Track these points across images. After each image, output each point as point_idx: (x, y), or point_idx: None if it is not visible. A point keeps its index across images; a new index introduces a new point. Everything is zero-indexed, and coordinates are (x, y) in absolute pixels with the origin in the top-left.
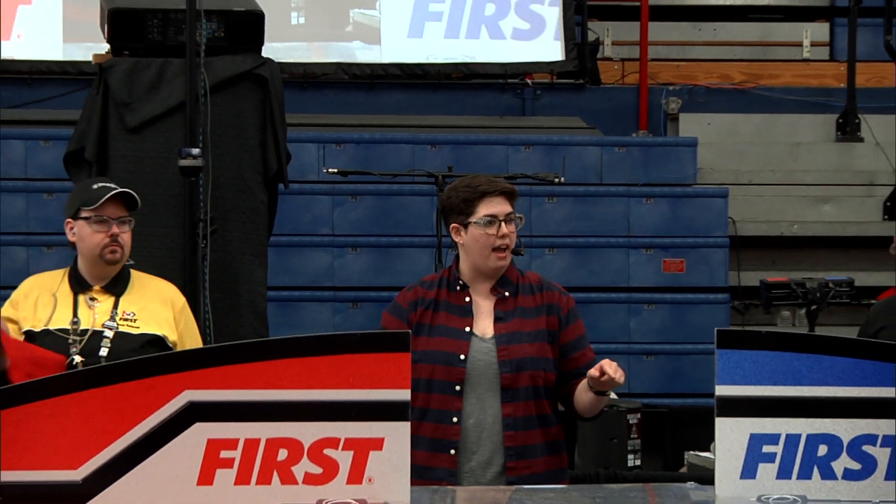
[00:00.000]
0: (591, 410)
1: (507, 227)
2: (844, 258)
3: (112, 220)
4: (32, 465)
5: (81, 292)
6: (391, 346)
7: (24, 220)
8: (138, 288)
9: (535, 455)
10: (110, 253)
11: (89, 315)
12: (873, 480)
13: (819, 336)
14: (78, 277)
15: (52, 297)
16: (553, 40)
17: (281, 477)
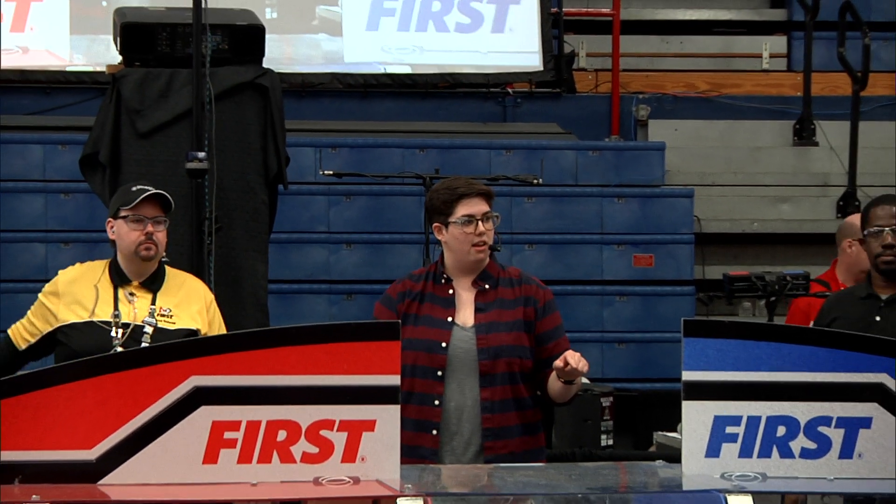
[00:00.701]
0: (563, 397)
1: (484, 225)
2: (801, 253)
3: (147, 219)
4: (50, 446)
5: (121, 286)
6: (382, 335)
7: (43, 219)
8: (173, 285)
9: (511, 436)
10: (145, 250)
11: (129, 309)
12: (828, 459)
13: (778, 325)
14: (118, 272)
15: (95, 289)
16: (533, 52)
17: (280, 456)
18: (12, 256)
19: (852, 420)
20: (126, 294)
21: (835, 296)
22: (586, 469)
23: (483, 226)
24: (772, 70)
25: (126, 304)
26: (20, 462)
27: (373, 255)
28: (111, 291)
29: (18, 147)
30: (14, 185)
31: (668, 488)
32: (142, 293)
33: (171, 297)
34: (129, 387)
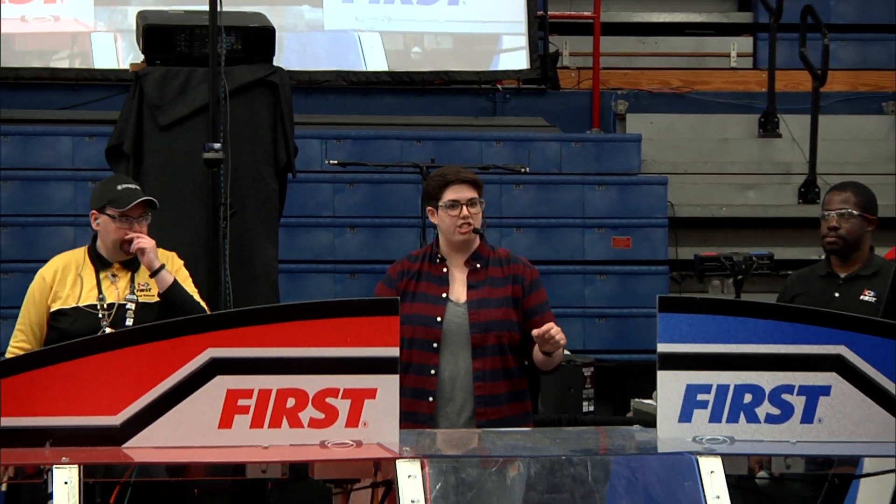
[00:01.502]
0: (546, 367)
1: (469, 209)
2: (765, 236)
3: (134, 219)
4: (78, 412)
5: (102, 270)
6: (383, 311)
7: (73, 205)
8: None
9: (500, 403)
10: (127, 249)
11: (113, 290)
12: (791, 424)
13: (745, 302)
14: (99, 257)
15: (79, 277)
16: (520, 52)
17: (289, 421)
18: (44, 239)
19: (813, 388)
20: (108, 276)
21: (797, 274)
22: (569, 433)
23: (467, 210)
24: (739, 68)
25: (109, 286)
26: (50, 427)
27: (374, 238)
28: (94, 277)
29: (49, 139)
30: (45, 173)
31: (644, 451)
32: (122, 273)
33: (146, 272)
34: (150, 358)
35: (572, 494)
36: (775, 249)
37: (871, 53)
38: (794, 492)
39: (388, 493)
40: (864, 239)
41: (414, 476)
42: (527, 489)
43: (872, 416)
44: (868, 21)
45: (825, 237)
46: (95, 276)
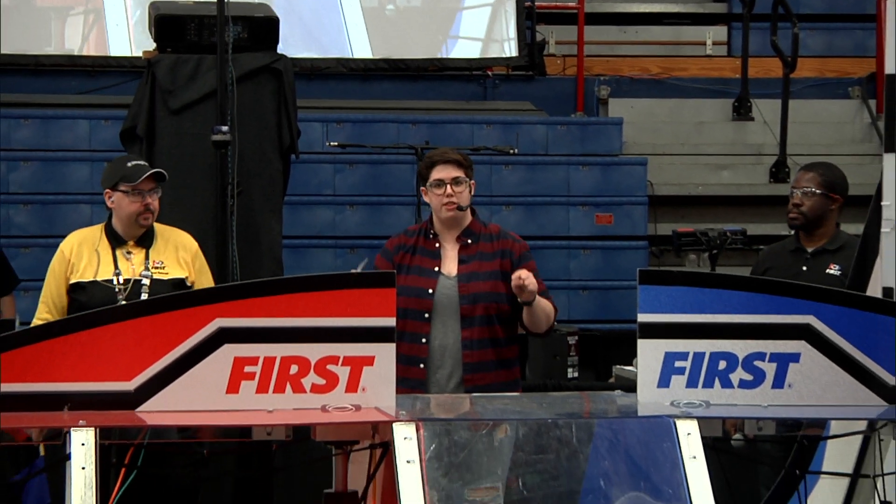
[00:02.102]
0: (534, 327)
1: (454, 188)
2: (739, 213)
3: (146, 192)
4: (95, 378)
5: (118, 247)
6: (380, 283)
7: (90, 184)
8: (162, 240)
9: (487, 370)
10: (144, 220)
11: (128, 266)
12: (763, 389)
13: (719, 275)
14: (114, 234)
15: (96, 252)
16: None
17: (293, 387)
18: (62, 216)
19: (783, 355)
20: (124, 253)
21: (768, 249)
22: (555, 398)
23: (452, 188)
24: (714, 55)
25: (124, 262)
26: (69, 392)
27: (372, 215)
28: (110, 253)
29: (68, 122)
30: (64, 154)
31: (625, 414)
32: (137, 250)
33: (161, 250)
34: (162, 327)
35: (558, 455)
36: (748, 226)
37: (838, 42)
38: (766, 452)
39: (385, 454)
40: (827, 216)
41: (409, 438)
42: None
43: (839, 382)
44: (835, 11)
45: (789, 213)
46: (112, 253)
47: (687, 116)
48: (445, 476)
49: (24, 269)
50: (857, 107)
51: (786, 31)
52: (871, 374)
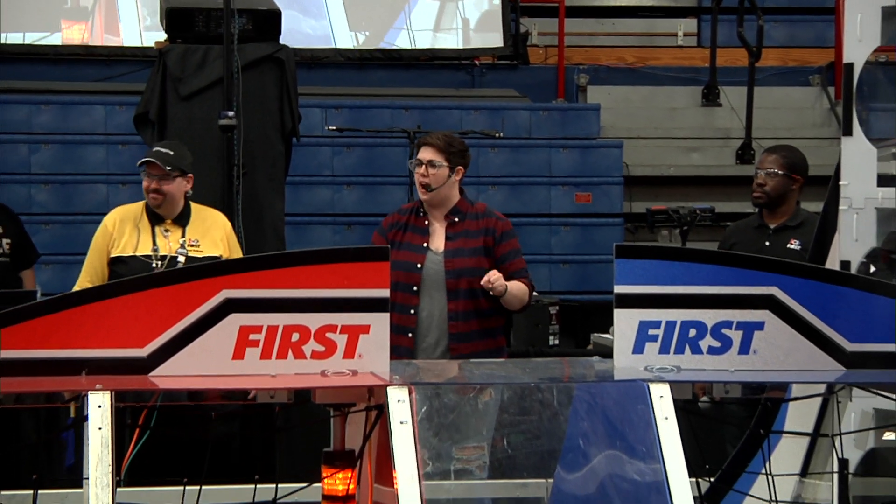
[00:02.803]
0: (510, 307)
1: (429, 170)
2: (707, 192)
3: (154, 176)
4: (110, 345)
5: (157, 224)
6: (375, 257)
7: (105, 165)
8: (198, 219)
9: (472, 339)
10: (152, 199)
11: (165, 243)
12: (730, 355)
13: (690, 249)
14: (153, 213)
15: (136, 228)
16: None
17: (294, 353)
18: (80, 195)
19: (749, 324)
20: (162, 231)
21: (734, 225)
22: (537, 364)
23: (425, 170)
24: (685, 46)
25: (162, 239)
26: (86, 358)
27: (367, 194)
28: (149, 230)
29: (85, 107)
30: (81, 138)
31: (602, 378)
32: (174, 228)
33: (197, 229)
34: (173, 298)
35: (540, 416)
36: (716, 204)
37: (800, 33)
38: (732, 413)
39: (379, 416)
40: (789, 195)
41: (402, 401)
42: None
43: (800, 348)
44: (797, 4)
45: (753, 192)
46: (151, 230)
47: (660, 102)
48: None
49: (44, 244)
50: (816, 94)
51: (751, 24)
52: (829, 340)
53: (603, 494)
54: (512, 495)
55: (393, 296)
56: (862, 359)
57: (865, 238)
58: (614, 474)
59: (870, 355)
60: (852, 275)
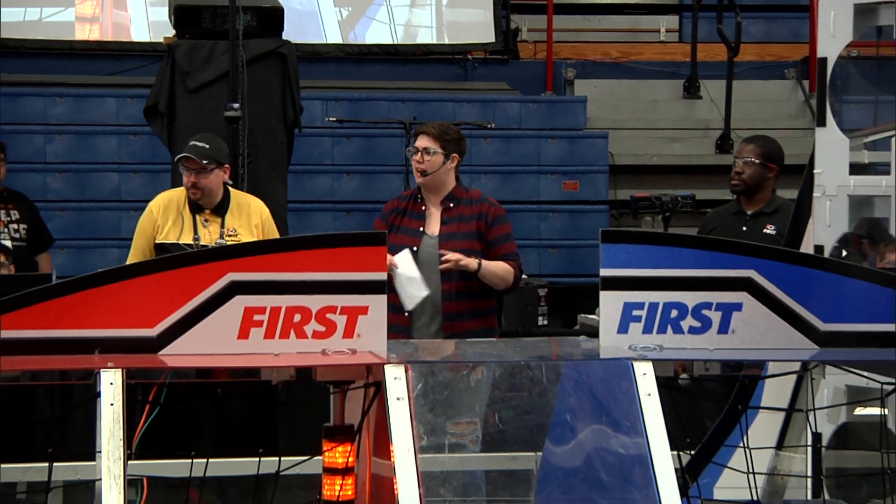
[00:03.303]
0: (491, 284)
1: (424, 156)
2: (688, 180)
3: (192, 170)
4: (122, 325)
5: (198, 214)
6: (373, 242)
7: (117, 154)
8: (236, 207)
9: (464, 318)
10: (192, 193)
11: (205, 233)
12: (709, 334)
13: (672, 234)
14: (194, 202)
15: (180, 216)
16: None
17: (296, 333)
18: (92, 183)
19: (727, 305)
20: (202, 220)
21: (714, 211)
22: (527, 343)
23: (421, 156)
24: (667, 41)
25: (203, 229)
26: (99, 337)
27: (366, 182)
28: (191, 219)
29: (98, 100)
30: (94, 128)
31: (588, 357)
32: (213, 218)
33: (235, 218)
34: (181, 281)
35: (529, 393)
36: (696, 191)
37: (776, 29)
38: (711, 390)
39: (377, 392)
40: (765, 183)
41: (399, 378)
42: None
43: (776, 328)
44: (773, 2)
45: (732, 180)
46: (193, 219)
47: (643, 95)
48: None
49: (58, 229)
50: (792, 87)
51: (730, 20)
52: (804, 320)
53: (589, 467)
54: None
55: (390, 277)
56: (835, 338)
57: (838, 224)
58: (600, 448)
59: (842, 335)
60: (826, 258)
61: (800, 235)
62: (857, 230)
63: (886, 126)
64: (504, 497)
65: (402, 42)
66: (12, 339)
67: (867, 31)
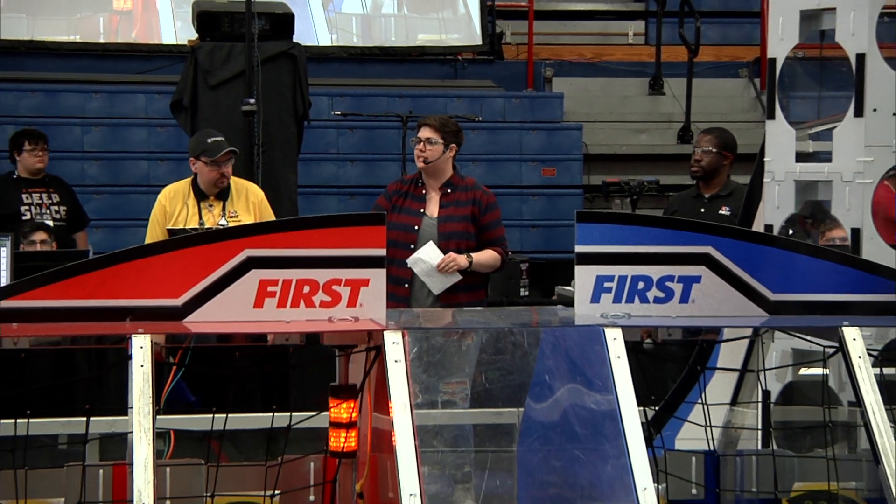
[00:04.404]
0: (481, 270)
1: (426, 146)
2: (653, 167)
3: (221, 163)
4: (151, 295)
5: (202, 200)
6: (373, 222)
7: (146, 144)
8: (235, 192)
9: (457, 291)
10: (220, 183)
11: (209, 216)
12: (672, 304)
13: (638, 215)
14: (199, 190)
15: (185, 205)
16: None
17: (305, 303)
18: (125, 170)
19: (688, 277)
20: (206, 206)
21: (676, 195)
22: (510, 311)
23: (423, 146)
24: (634, 44)
25: (207, 213)
26: (131, 306)
27: (367, 169)
28: (196, 205)
29: (129, 95)
30: (126, 121)
31: (565, 324)
32: (216, 203)
33: (235, 202)
34: (203, 256)
35: (512, 356)
36: (660, 177)
37: (731, 33)
38: (673, 353)
39: (377, 355)
40: (721, 170)
41: (397, 343)
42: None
43: (731, 298)
44: (728, 8)
45: (691, 167)
46: (197, 205)
47: (613, 92)
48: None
49: (94, 210)
50: (745, 84)
51: (690, 25)
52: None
53: (565, 421)
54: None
55: (393, 252)
56: (782, 307)
57: (785, 205)
58: (575, 404)
59: (789, 304)
60: (774, 236)
61: (752, 216)
62: (802, 211)
63: (828, 119)
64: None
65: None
66: (54, 308)
67: (811, 35)
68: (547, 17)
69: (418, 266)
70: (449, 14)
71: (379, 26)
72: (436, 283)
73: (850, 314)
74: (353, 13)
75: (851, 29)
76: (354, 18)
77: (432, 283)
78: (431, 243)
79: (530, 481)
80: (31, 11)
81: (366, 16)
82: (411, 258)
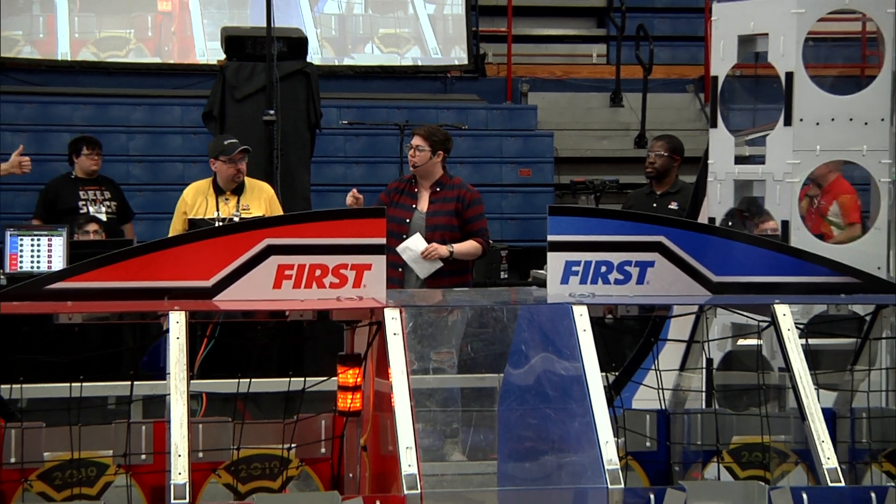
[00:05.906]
0: (464, 259)
1: (416, 152)
2: (614, 168)
3: (237, 160)
4: (185, 278)
5: (220, 195)
6: (375, 215)
7: (182, 149)
8: (248, 188)
9: (443, 276)
10: (236, 178)
11: (225, 208)
12: (630, 285)
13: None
14: (218, 187)
15: (205, 199)
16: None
17: (317, 284)
18: (164, 170)
19: (644, 262)
20: (223, 200)
21: (633, 192)
22: (492, 291)
23: (414, 152)
24: (598, 64)
25: (223, 206)
26: (167, 287)
27: (370, 170)
28: (214, 199)
29: (167, 108)
30: (164, 129)
31: (539, 302)
32: (231, 198)
33: (248, 197)
34: (230, 244)
35: (494, 329)
36: (620, 177)
37: (679, 54)
38: (630, 327)
39: (379, 329)
40: (671, 170)
41: (395, 318)
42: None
43: (680, 279)
44: (678, 34)
45: (646, 168)
46: (216, 199)
47: (580, 104)
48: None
49: (138, 205)
50: (691, 98)
51: (645, 48)
52: (700, 274)
53: (539, 384)
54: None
55: (388, 241)
56: (724, 287)
57: (726, 201)
58: (547, 370)
59: (730, 284)
60: (717, 227)
61: (697, 210)
62: (740, 206)
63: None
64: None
65: None
66: (102, 288)
67: (748, 56)
68: (524, 40)
69: (406, 253)
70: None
71: (351, 23)
72: (422, 269)
73: (780, 293)
74: (332, 13)
75: (782, 51)
76: (334, 18)
77: (418, 269)
78: (418, 234)
79: (509, 436)
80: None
81: (341, 15)
82: (400, 246)
